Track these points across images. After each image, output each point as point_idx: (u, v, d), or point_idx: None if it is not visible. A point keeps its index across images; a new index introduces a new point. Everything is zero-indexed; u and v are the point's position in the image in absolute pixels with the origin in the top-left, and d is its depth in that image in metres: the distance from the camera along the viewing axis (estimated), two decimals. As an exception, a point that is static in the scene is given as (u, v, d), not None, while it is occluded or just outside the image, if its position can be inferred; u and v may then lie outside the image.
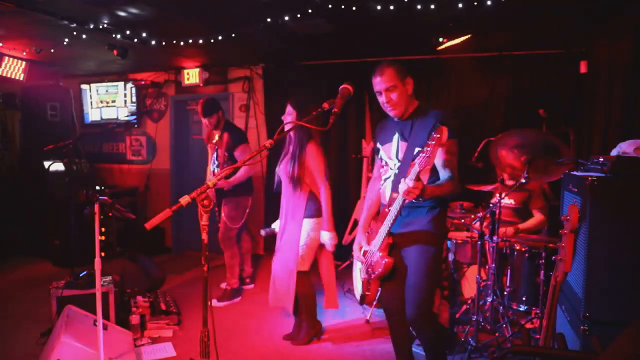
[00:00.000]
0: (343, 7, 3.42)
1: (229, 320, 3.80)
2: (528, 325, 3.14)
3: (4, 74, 5.11)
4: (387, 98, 2.31)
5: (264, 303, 3.98)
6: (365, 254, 2.51)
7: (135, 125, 6.37)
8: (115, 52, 4.47)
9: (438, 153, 2.04)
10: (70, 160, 5.37)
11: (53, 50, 4.83)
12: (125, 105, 6.33)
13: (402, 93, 2.31)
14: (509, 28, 3.99)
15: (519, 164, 3.11)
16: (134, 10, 3.65)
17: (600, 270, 1.87)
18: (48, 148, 4.39)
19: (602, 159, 2.00)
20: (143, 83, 6.21)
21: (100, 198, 2.65)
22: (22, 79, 5.30)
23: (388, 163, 2.44)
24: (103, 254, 5.00)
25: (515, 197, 3.68)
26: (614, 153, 2.17)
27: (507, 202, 3.65)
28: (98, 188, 5.81)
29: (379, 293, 2.54)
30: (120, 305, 3.48)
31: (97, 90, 6.46)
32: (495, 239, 3.17)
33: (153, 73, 6.24)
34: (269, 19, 3.76)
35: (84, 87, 6.49)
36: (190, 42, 4.37)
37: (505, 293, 3.31)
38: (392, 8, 3.39)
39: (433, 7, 3.34)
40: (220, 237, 4.21)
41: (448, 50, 4.30)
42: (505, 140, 3.11)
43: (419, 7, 3.36)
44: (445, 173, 2.24)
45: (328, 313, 3.86)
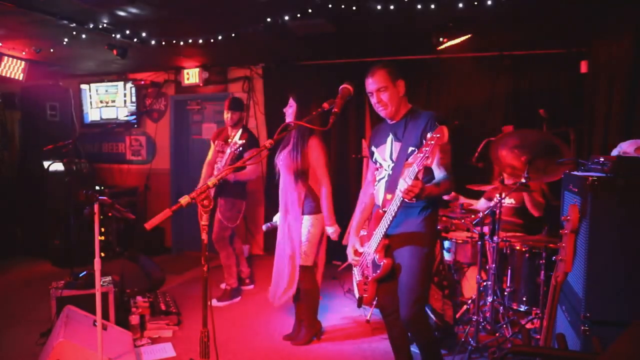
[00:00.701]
0: (343, 7, 3.42)
1: (229, 320, 3.79)
2: (528, 326, 3.14)
3: (4, 74, 5.10)
4: (377, 98, 2.38)
5: (264, 303, 3.99)
6: (360, 256, 2.51)
7: (135, 125, 6.36)
8: (115, 51, 4.47)
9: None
10: (70, 160, 5.37)
11: (52, 50, 4.82)
12: (125, 105, 6.32)
13: (393, 94, 2.37)
14: (509, 28, 3.99)
15: (519, 164, 3.11)
16: (134, 10, 3.64)
17: (601, 271, 1.87)
18: (48, 148, 4.39)
19: (602, 159, 2.00)
20: (143, 83, 6.20)
21: (100, 198, 2.65)
22: (21, 79, 5.29)
23: (382, 165, 2.47)
24: (103, 254, 5.01)
25: (516, 196, 3.68)
26: (615, 153, 2.17)
27: (507, 202, 3.65)
28: (98, 188, 5.80)
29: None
30: (120, 306, 3.47)
31: (96, 90, 6.45)
32: (496, 239, 3.17)
33: (153, 73, 6.23)
34: (269, 19, 3.76)
35: (84, 87, 6.48)
36: (190, 42, 4.37)
37: (506, 293, 3.31)
38: (392, 8, 3.39)
39: (433, 7, 3.34)
40: (215, 237, 4.19)
41: (448, 50, 4.29)
42: (506, 140, 3.11)
43: (419, 7, 3.36)
44: (441, 172, 2.28)
45: (328, 313, 3.86)
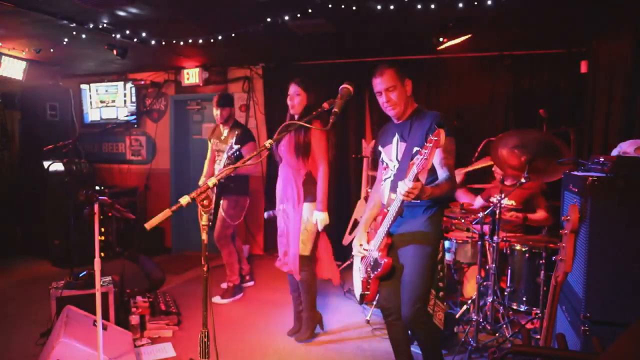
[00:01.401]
0: (343, 7, 3.42)
1: (229, 319, 3.79)
2: (528, 326, 3.14)
3: (4, 74, 5.10)
4: (387, 98, 2.39)
5: (264, 301, 4.02)
6: (366, 252, 2.52)
7: (135, 125, 6.37)
8: (115, 51, 4.47)
9: (436, 152, 2.07)
10: (70, 160, 5.36)
11: (52, 50, 4.82)
12: (125, 105, 6.32)
13: (401, 93, 2.38)
14: (509, 28, 3.98)
15: (519, 164, 3.11)
16: (134, 10, 3.64)
17: (601, 271, 1.87)
18: (48, 148, 4.38)
19: (602, 159, 1.99)
20: (143, 83, 6.20)
21: (100, 198, 2.65)
22: (21, 79, 5.29)
23: (388, 165, 2.51)
24: (103, 254, 5.01)
25: (515, 197, 3.68)
26: (615, 153, 2.17)
27: (507, 202, 3.65)
28: (98, 188, 5.79)
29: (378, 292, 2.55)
30: (120, 306, 3.47)
31: (96, 90, 6.45)
32: (496, 239, 3.17)
33: (153, 73, 6.23)
34: (269, 19, 3.76)
35: (84, 87, 6.48)
36: (190, 42, 4.37)
37: (506, 293, 3.31)
38: (392, 8, 3.39)
39: (433, 7, 3.34)
40: (217, 235, 4.18)
41: (448, 50, 4.29)
42: (506, 140, 3.11)
43: (419, 7, 3.36)
44: (443, 172, 2.29)
45: (328, 313, 3.85)
